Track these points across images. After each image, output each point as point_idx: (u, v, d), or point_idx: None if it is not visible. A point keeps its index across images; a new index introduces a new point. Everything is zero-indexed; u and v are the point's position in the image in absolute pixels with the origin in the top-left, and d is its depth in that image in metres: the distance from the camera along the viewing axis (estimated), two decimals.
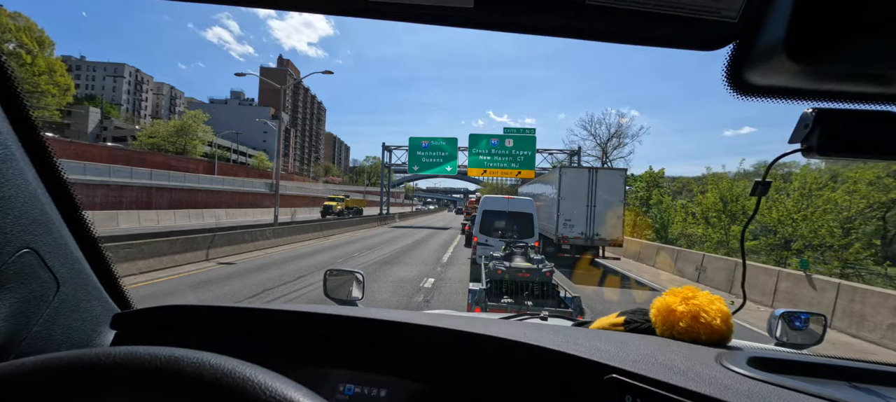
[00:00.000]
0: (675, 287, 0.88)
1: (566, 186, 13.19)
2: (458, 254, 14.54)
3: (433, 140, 28.96)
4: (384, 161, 33.87)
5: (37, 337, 0.61)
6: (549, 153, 31.89)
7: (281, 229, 15.86)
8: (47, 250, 0.63)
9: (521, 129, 28.15)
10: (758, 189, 0.70)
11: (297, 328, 0.80)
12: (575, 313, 4.26)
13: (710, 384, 0.54)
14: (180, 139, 52.42)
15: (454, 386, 0.70)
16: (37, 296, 0.61)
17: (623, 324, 0.94)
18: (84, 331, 0.71)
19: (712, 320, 0.78)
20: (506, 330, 0.73)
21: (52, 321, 0.64)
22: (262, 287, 8.05)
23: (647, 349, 0.68)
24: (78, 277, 0.70)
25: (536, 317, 1.40)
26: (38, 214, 0.62)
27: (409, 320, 0.75)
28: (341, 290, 1.65)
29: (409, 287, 8.52)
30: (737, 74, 0.45)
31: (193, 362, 0.34)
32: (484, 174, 28.42)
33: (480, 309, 4.29)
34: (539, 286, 5.08)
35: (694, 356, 0.66)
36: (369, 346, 0.76)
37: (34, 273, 0.60)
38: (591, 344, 0.68)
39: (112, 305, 0.80)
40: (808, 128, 0.53)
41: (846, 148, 0.53)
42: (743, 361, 0.63)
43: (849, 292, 7.31)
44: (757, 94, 0.46)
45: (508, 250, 6.52)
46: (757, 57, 0.43)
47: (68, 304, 0.67)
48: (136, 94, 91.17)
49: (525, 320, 1.34)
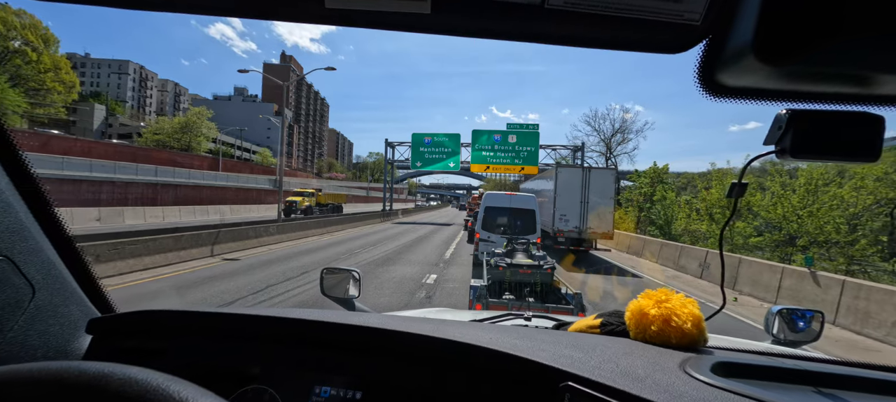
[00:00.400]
0: (651, 290, 0.88)
1: (562, 184, 14.39)
2: (461, 250, 14.56)
3: (436, 136, 28.90)
4: (387, 157, 33.88)
5: (12, 343, 0.60)
6: (552, 149, 31.76)
7: (285, 225, 15.95)
8: (21, 256, 0.63)
9: (524, 124, 28.01)
10: (734, 191, 0.70)
11: (272, 333, 0.80)
12: (576, 309, 4.27)
13: (665, 391, 0.54)
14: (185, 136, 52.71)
15: (424, 389, 0.71)
16: (11, 303, 0.61)
17: (599, 326, 0.94)
18: (61, 336, 0.70)
19: (683, 324, 0.78)
20: (473, 335, 0.74)
21: (28, 328, 0.63)
22: (266, 283, 8.12)
23: (611, 354, 0.68)
24: (54, 282, 0.70)
25: (521, 318, 1.41)
26: (10, 221, 0.62)
27: (379, 324, 0.76)
28: (338, 288, 1.65)
29: (412, 284, 8.57)
30: (708, 75, 0.44)
31: (120, 378, 0.34)
32: (487, 170, 28.35)
33: (482, 306, 4.31)
34: (540, 283, 5.08)
35: (658, 362, 0.66)
36: (343, 349, 0.77)
37: (8, 280, 0.60)
38: (555, 350, 0.69)
39: (91, 308, 0.80)
40: (781, 129, 0.53)
41: (820, 149, 0.52)
42: (707, 367, 0.63)
43: (853, 288, 7.25)
44: (730, 95, 0.45)
45: (510, 246, 6.53)
46: (726, 58, 0.42)
47: (45, 310, 0.67)
48: (141, 91, 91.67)
49: (506, 321, 1.35)
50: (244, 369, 0.77)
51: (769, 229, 16.74)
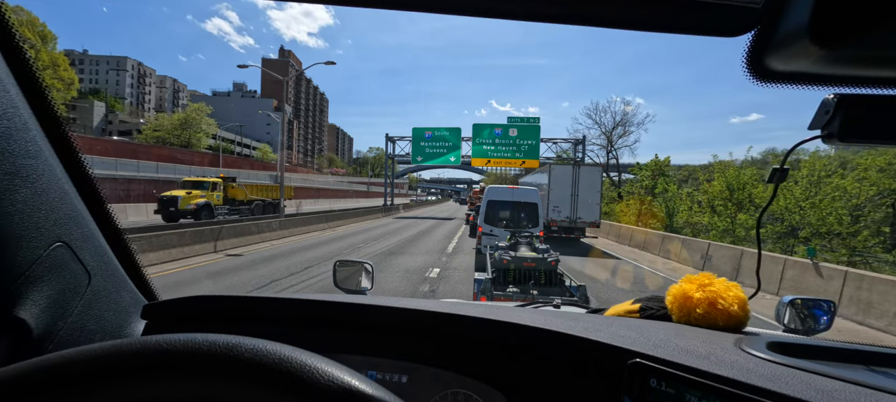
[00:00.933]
0: (691, 274, 0.88)
1: (554, 179, 16.65)
2: (463, 244, 14.59)
3: (437, 130, 28.84)
4: (388, 152, 33.85)
5: (72, 328, 0.62)
6: (553, 142, 31.67)
7: (286, 220, 15.98)
8: (78, 243, 0.65)
9: (525, 118, 27.92)
10: (775, 176, 0.69)
11: (318, 317, 0.81)
12: (581, 301, 4.29)
13: (733, 367, 0.54)
14: (185, 132, 52.66)
15: (475, 372, 0.71)
16: (70, 288, 0.62)
17: (639, 311, 0.94)
18: (116, 322, 0.72)
19: (730, 307, 0.79)
20: (527, 317, 0.73)
21: (86, 313, 0.65)
22: (270, 278, 8.16)
23: (665, 335, 0.68)
24: (107, 269, 0.72)
25: (549, 305, 1.41)
26: (68, 208, 0.64)
27: (428, 308, 0.77)
28: (350, 280, 1.66)
29: (415, 277, 8.60)
30: (757, 60, 0.43)
31: (250, 348, 0.35)
32: (488, 164, 28.32)
33: (486, 298, 4.33)
34: (545, 275, 5.10)
35: (713, 341, 0.66)
36: (390, 333, 0.77)
37: (67, 266, 0.62)
38: (611, 330, 0.69)
39: (140, 296, 0.82)
40: (829, 114, 0.52)
41: (868, 134, 0.52)
42: (762, 345, 0.63)
43: (856, 279, 7.27)
44: (777, 80, 0.45)
45: (513, 239, 6.54)
46: (779, 42, 0.41)
47: (99, 295, 0.69)
48: (140, 87, 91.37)
49: (539, 308, 1.36)
50: None
51: (771, 221, 16.76)
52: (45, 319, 0.57)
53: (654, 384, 0.55)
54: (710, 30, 0.44)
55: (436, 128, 28.78)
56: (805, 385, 0.49)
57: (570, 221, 16.48)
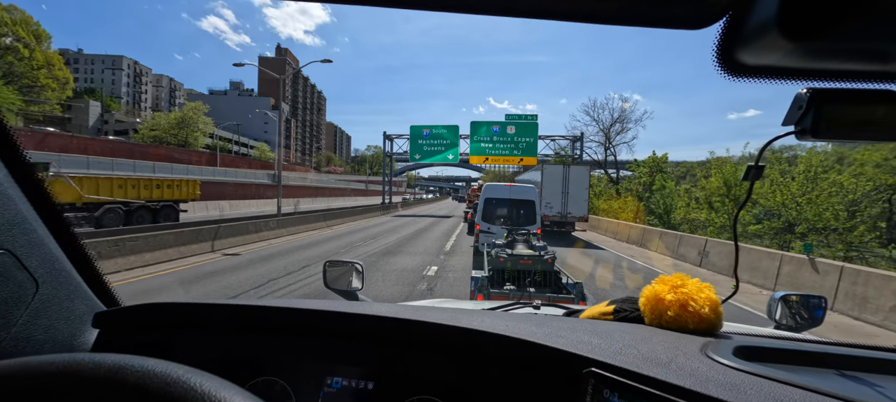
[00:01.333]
0: (665, 275, 0.86)
1: (547, 177, 18.01)
2: (461, 242, 14.59)
3: (434, 128, 28.77)
4: (385, 150, 33.77)
5: (17, 339, 0.60)
6: (551, 139, 31.65)
7: (284, 219, 15.94)
8: (24, 250, 0.62)
9: (523, 115, 27.89)
10: (750, 173, 0.67)
11: (281, 324, 0.79)
12: (577, 298, 4.29)
13: (691, 376, 0.53)
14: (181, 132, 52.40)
15: (439, 378, 0.70)
16: (14, 298, 0.60)
17: (613, 313, 0.93)
18: (67, 331, 0.70)
19: (700, 309, 0.77)
20: (489, 323, 0.72)
21: (32, 322, 0.62)
22: (268, 278, 8.14)
23: (630, 340, 0.67)
24: (58, 276, 0.69)
25: (530, 306, 1.40)
26: (11, 214, 0.61)
27: (392, 313, 0.75)
28: (341, 280, 1.65)
29: (413, 276, 8.59)
30: (727, 53, 0.42)
31: (137, 370, 0.33)
32: (486, 162, 28.30)
33: (483, 297, 4.33)
34: (541, 273, 5.10)
35: (679, 347, 0.65)
36: (354, 340, 0.76)
37: (10, 275, 0.59)
38: (574, 336, 0.68)
39: (97, 303, 0.79)
40: (802, 109, 0.51)
41: (841, 129, 0.50)
42: (729, 351, 0.62)
43: (852, 274, 7.30)
44: (749, 74, 0.43)
45: (510, 237, 6.54)
46: (748, 35, 0.39)
47: (49, 304, 0.66)
48: (136, 86, 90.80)
49: (516, 310, 1.34)
50: (254, 360, 0.76)
51: (768, 217, 16.83)
52: None
53: (607, 395, 0.53)
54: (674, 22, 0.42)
55: (434, 126, 28.72)
56: (763, 395, 0.47)
57: (562, 216, 17.78)
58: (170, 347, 0.79)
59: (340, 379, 0.73)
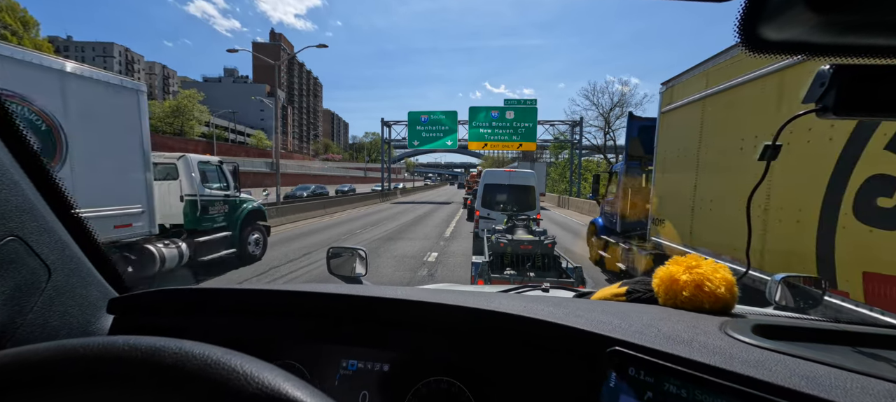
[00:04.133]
0: (679, 256, 0.87)
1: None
2: (461, 228, 14.65)
3: (433, 114, 28.51)
4: (384, 137, 33.50)
5: (33, 325, 0.60)
6: (550, 124, 31.43)
7: (283, 207, 15.93)
8: (34, 236, 0.62)
9: (522, 100, 27.59)
10: (767, 153, 0.66)
11: (296, 308, 0.79)
12: (576, 282, 4.34)
13: (715, 353, 0.52)
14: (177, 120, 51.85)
15: (455, 360, 0.70)
16: (27, 284, 0.60)
17: (625, 294, 0.93)
18: (81, 317, 0.70)
19: (716, 289, 0.77)
20: (506, 304, 0.72)
21: (47, 309, 0.63)
22: (269, 266, 8.18)
23: (649, 320, 0.67)
24: (70, 262, 0.69)
25: (538, 289, 1.41)
26: (19, 200, 0.61)
27: (408, 296, 0.75)
28: (345, 267, 1.66)
29: (413, 262, 8.65)
30: (750, 28, 0.40)
31: (175, 352, 0.33)
32: (485, 148, 28.13)
33: (484, 282, 4.37)
34: (541, 258, 5.14)
35: (697, 326, 0.65)
36: (370, 323, 0.76)
37: (22, 261, 0.59)
38: (592, 316, 0.67)
39: (109, 289, 0.79)
40: (824, 86, 0.50)
41: (865, 106, 0.49)
42: (747, 329, 0.62)
43: None
44: (771, 50, 0.42)
45: (510, 222, 6.56)
46: (773, 8, 0.38)
47: (62, 290, 0.66)
48: (128, 74, 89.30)
49: (526, 292, 1.35)
50: (269, 344, 0.77)
51: None
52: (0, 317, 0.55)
53: (632, 373, 0.54)
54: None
55: (432, 112, 28.43)
56: (790, 371, 0.48)
57: None
58: (184, 332, 0.80)
59: (356, 362, 0.74)
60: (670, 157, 5.16)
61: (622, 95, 33.30)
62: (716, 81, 4.09)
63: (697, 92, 4.46)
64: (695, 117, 4.51)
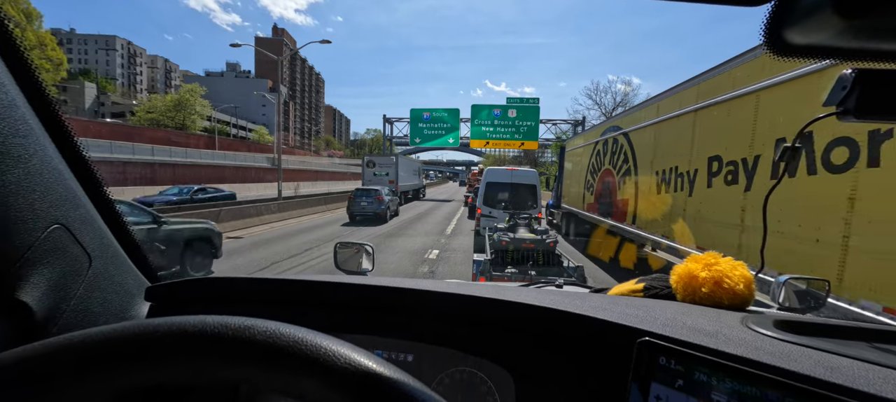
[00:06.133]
0: (697, 254, 0.87)
1: None
2: (462, 226, 14.65)
3: (435, 111, 28.49)
4: (385, 133, 33.50)
5: (76, 311, 0.62)
6: (552, 123, 31.38)
7: (285, 203, 15.96)
8: (76, 225, 0.63)
9: (524, 99, 27.56)
10: (785, 154, 0.67)
11: (322, 297, 0.81)
12: (578, 281, 4.34)
13: (741, 345, 0.54)
14: (179, 114, 51.82)
15: (480, 351, 0.71)
16: (71, 271, 0.62)
17: (642, 290, 0.94)
18: (120, 304, 0.72)
19: (735, 286, 0.78)
20: (533, 297, 0.73)
21: (88, 296, 0.64)
22: (271, 261, 8.21)
23: (672, 314, 0.68)
24: (107, 251, 0.71)
25: (551, 285, 1.41)
26: (63, 189, 0.62)
27: (434, 288, 0.76)
28: (351, 262, 1.66)
29: (415, 258, 8.67)
30: (776, 32, 0.41)
31: (263, 329, 0.34)
32: (486, 146, 28.12)
33: (485, 279, 4.37)
34: (543, 256, 5.15)
35: (720, 320, 0.66)
36: (394, 314, 0.77)
37: (66, 249, 0.61)
38: (618, 309, 0.68)
39: (142, 278, 0.81)
40: (846, 89, 0.51)
41: (887, 110, 0.50)
42: (769, 324, 0.63)
43: None
44: (796, 54, 0.42)
45: (512, 220, 6.57)
46: (800, 13, 0.38)
47: (102, 278, 0.68)
48: (130, 67, 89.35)
49: (542, 288, 1.36)
50: None
51: None
52: (48, 302, 0.57)
53: (663, 363, 0.55)
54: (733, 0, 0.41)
55: (434, 109, 28.43)
56: (814, 363, 0.49)
57: None
58: None
59: (381, 352, 0.74)
60: (569, 169, 13.33)
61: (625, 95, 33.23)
62: (587, 139, 11.24)
63: (579, 144, 12.24)
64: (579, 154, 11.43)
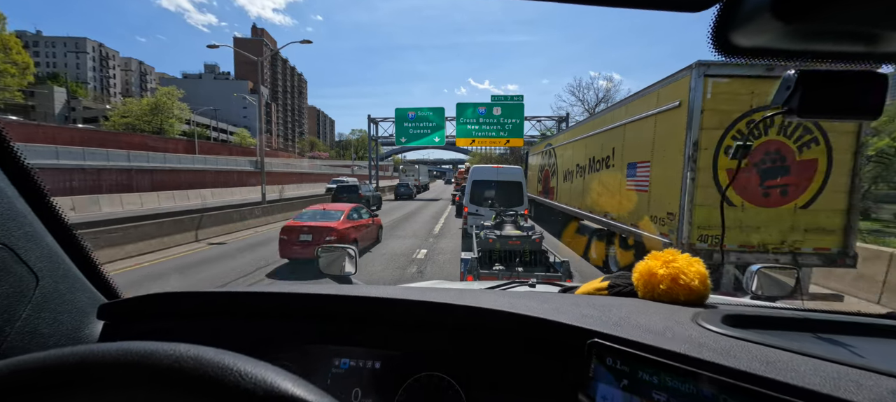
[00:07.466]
0: (657, 251, 0.91)
1: None
2: (450, 225, 14.68)
3: (420, 111, 28.40)
4: (370, 134, 33.20)
5: (22, 333, 0.60)
6: (537, 120, 31.69)
7: (269, 207, 15.67)
8: (20, 244, 0.61)
9: (508, 96, 27.75)
10: (738, 152, 0.72)
11: (286, 309, 0.80)
12: (564, 277, 4.43)
13: (686, 342, 0.57)
14: (156, 118, 50.17)
15: (445, 356, 0.73)
16: (15, 292, 0.60)
17: (607, 288, 0.98)
18: (71, 324, 0.70)
19: (691, 282, 0.82)
20: (493, 301, 0.75)
21: (36, 316, 0.63)
22: (255, 266, 8.07)
23: (627, 312, 0.71)
24: (58, 269, 0.69)
25: (525, 285, 1.45)
26: (5, 208, 0.60)
27: (397, 295, 0.77)
28: (334, 266, 1.66)
29: (403, 259, 8.65)
30: (722, 35, 0.43)
31: (170, 354, 0.33)
32: (472, 144, 28.19)
33: (473, 277, 4.42)
34: (529, 253, 5.23)
35: (672, 317, 0.69)
36: (360, 321, 0.78)
37: (9, 269, 0.59)
38: (576, 311, 0.71)
39: (98, 295, 0.79)
40: (790, 89, 0.55)
41: (827, 108, 0.54)
42: (718, 319, 0.66)
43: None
44: (742, 55, 0.45)
45: (499, 218, 6.64)
46: (743, 17, 0.41)
47: (51, 297, 0.66)
48: (102, 71, 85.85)
49: (513, 288, 1.39)
50: (260, 345, 0.78)
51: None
52: None
53: (610, 362, 0.57)
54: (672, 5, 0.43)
55: (419, 108, 28.31)
56: (752, 357, 0.52)
57: None
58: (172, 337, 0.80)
59: (348, 360, 0.75)
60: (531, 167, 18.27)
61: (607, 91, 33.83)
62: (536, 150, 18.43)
63: (539, 150, 17.36)
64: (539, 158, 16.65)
